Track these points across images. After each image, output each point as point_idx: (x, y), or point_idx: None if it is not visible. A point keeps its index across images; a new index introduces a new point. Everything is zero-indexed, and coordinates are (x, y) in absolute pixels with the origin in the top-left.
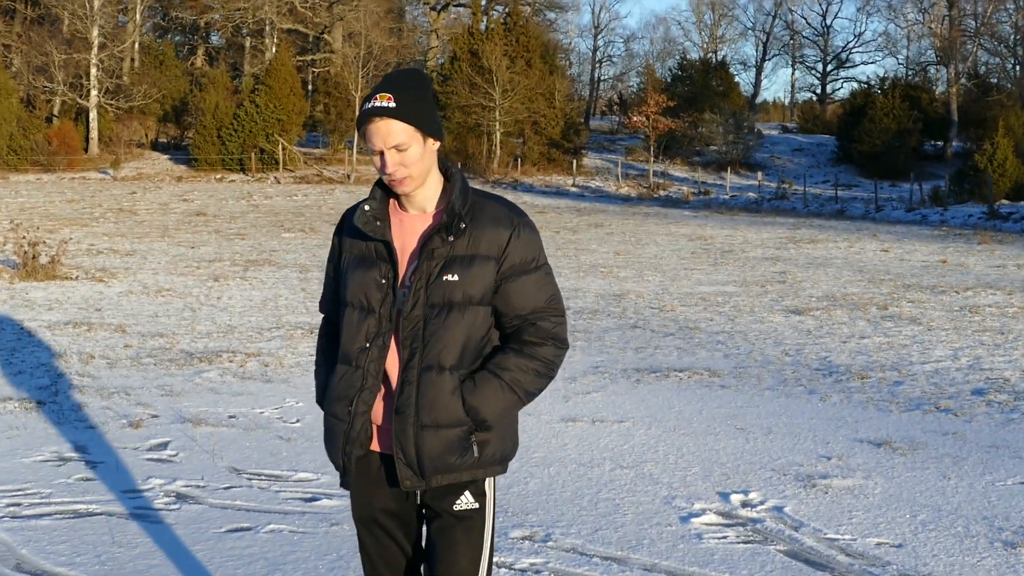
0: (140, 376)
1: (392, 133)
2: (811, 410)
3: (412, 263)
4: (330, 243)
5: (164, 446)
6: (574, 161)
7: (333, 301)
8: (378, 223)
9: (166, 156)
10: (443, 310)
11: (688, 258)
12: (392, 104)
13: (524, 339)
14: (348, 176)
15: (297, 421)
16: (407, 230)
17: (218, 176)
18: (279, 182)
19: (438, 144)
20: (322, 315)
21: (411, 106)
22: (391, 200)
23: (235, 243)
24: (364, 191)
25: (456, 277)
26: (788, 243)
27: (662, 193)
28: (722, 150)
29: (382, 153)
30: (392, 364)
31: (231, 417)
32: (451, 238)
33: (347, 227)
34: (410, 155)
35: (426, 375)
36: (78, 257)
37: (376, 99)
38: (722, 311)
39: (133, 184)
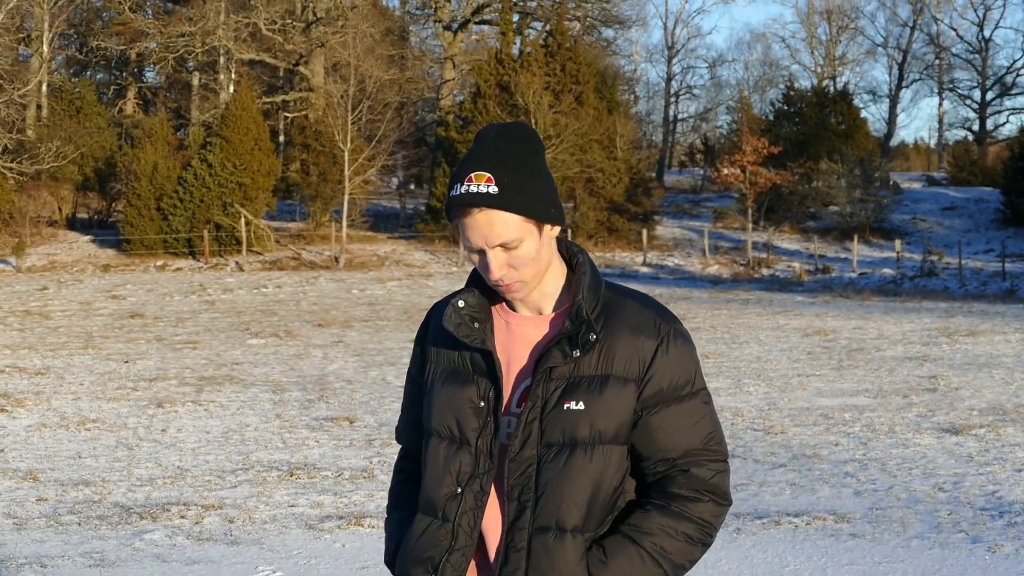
0: (59, 541)
1: (496, 229)
2: (976, 565)
3: (522, 383)
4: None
5: None
6: (644, 231)
7: (414, 428)
8: (476, 325)
9: (87, 237)
10: (564, 450)
11: (803, 360)
12: (494, 189)
13: (672, 492)
14: (336, 259)
15: None
16: (516, 337)
17: (158, 263)
18: (242, 269)
19: (558, 229)
20: (399, 447)
21: (521, 187)
22: (494, 296)
23: (184, 354)
24: (358, 278)
25: (582, 406)
26: (939, 337)
27: (765, 272)
28: (846, 211)
29: (483, 252)
30: (492, 520)
31: None
32: (576, 352)
33: (433, 330)
34: (522, 254)
35: (540, 539)
36: None
37: (471, 181)
38: (851, 432)
39: (43, 277)
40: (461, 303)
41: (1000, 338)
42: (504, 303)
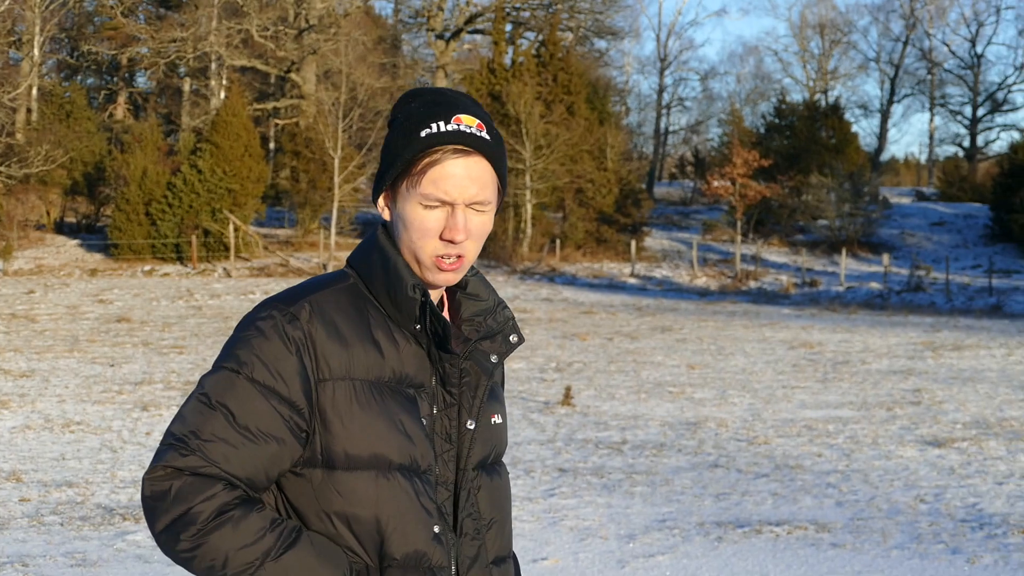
0: (42, 541)
1: (483, 181)
2: None
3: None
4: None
5: None
6: (633, 242)
7: (270, 464)
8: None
9: (75, 241)
10: (494, 471)
11: (788, 372)
12: (487, 136)
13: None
14: (324, 266)
15: None
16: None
17: (146, 268)
18: (230, 275)
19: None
20: (204, 482)
21: (501, 148)
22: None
23: (170, 359)
24: None
25: (499, 419)
26: (924, 351)
27: (753, 284)
28: (835, 225)
29: (452, 207)
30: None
31: None
32: (494, 359)
33: (327, 330)
34: (484, 223)
35: (499, 572)
36: None
37: (460, 121)
38: (834, 443)
39: (30, 280)
40: (419, 292)
41: (985, 352)
42: None
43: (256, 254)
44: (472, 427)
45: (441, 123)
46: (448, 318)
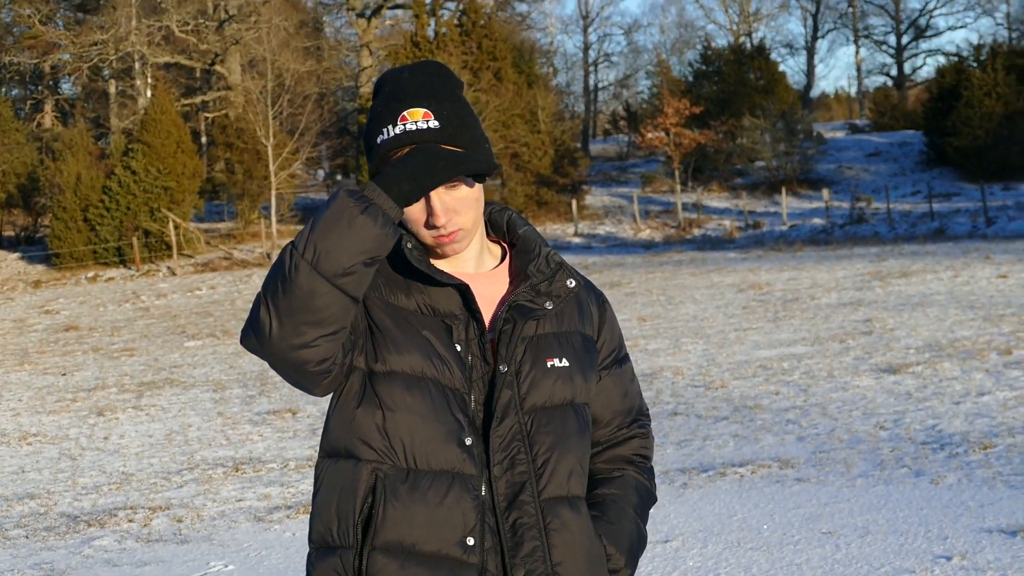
0: (7, 555)
1: None
2: (920, 497)
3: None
4: None
5: None
6: (574, 202)
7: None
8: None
9: (15, 255)
10: (555, 413)
11: (739, 315)
12: (435, 123)
13: (637, 453)
14: (268, 255)
15: None
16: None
17: (90, 275)
18: (174, 273)
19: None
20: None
21: (461, 120)
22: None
23: (122, 362)
24: None
25: (566, 363)
26: (872, 281)
27: (697, 232)
28: (772, 165)
29: (426, 199)
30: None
31: None
32: (549, 304)
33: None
34: (466, 195)
35: (555, 513)
36: None
37: (405, 119)
38: (790, 380)
39: None
40: (410, 244)
41: (932, 276)
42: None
43: (199, 250)
44: (504, 370)
45: (389, 127)
46: (509, 271)
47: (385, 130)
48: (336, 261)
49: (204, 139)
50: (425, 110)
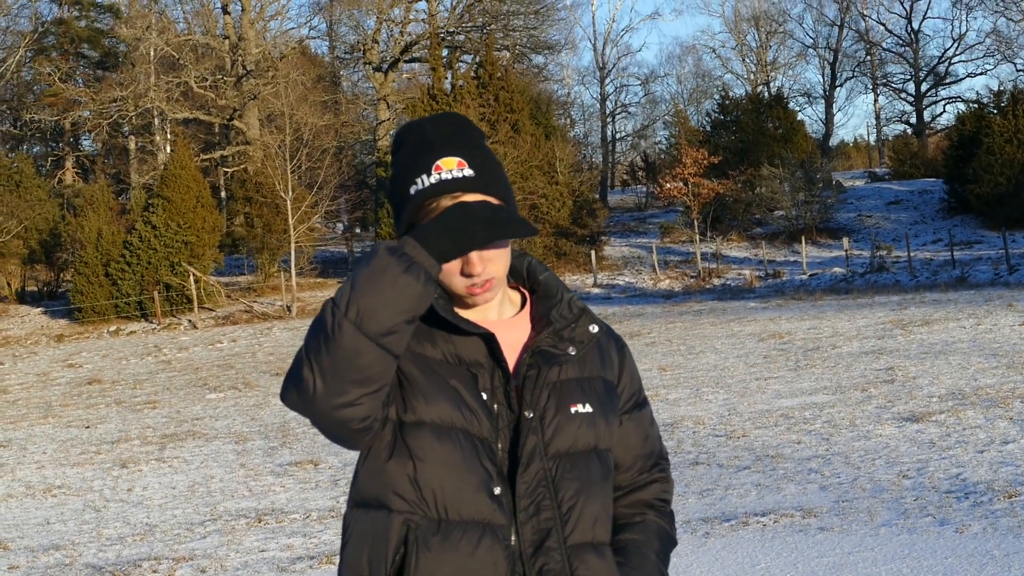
0: None
1: None
2: (945, 547)
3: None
4: None
5: None
6: (592, 252)
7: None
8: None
9: (38, 309)
10: (579, 459)
11: (760, 364)
12: (470, 172)
13: (658, 498)
14: (288, 308)
15: None
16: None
17: (112, 328)
18: (195, 326)
19: None
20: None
21: (492, 169)
22: None
23: (144, 415)
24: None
25: (590, 408)
26: (893, 329)
27: (716, 282)
28: (791, 215)
29: None
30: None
31: None
32: (572, 350)
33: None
34: (499, 246)
35: (581, 559)
36: None
37: (439, 169)
38: (812, 429)
39: None
40: (435, 293)
41: (954, 324)
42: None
43: (220, 303)
44: (530, 416)
45: (424, 177)
46: (530, 318)
47: (419, 180)
48: (379, 321)
49: (223, 193)
50: (459, 159)
